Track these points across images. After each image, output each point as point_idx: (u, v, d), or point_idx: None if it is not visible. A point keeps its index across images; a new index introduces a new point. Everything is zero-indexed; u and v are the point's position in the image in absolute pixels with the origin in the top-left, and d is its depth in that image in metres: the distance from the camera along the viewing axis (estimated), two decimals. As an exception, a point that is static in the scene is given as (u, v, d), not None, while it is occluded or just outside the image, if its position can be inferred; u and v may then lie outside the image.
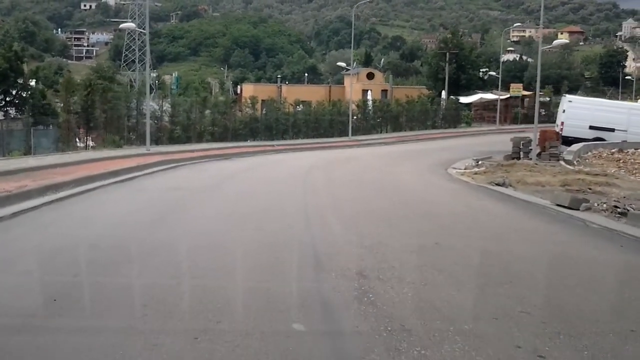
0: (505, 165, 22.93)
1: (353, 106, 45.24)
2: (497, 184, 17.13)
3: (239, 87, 70.76)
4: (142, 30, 29.77)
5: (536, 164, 23.18)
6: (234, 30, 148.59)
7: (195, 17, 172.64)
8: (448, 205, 12.76)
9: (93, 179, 16.25)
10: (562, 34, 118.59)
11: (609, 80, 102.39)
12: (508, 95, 63.55)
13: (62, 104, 31.49)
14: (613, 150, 29.64)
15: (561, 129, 31.34)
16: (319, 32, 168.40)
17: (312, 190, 14.97)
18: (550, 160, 25.47)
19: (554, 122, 39.86)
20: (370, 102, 50.97)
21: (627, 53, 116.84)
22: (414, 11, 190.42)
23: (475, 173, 21.06)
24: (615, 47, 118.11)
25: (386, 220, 10.18)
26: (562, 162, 24.44)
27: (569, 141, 29.67)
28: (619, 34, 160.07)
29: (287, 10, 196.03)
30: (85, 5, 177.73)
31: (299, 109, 44.63)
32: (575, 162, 25.50)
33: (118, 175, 17.71)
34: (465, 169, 23.27)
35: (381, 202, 12.72)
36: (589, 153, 29.22)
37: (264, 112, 43.62)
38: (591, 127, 32.28)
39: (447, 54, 61.51)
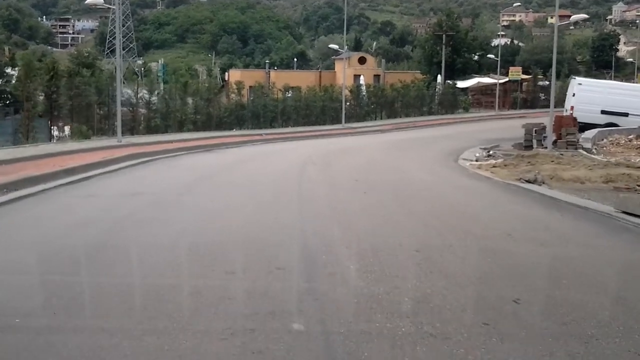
0: (526, 156, 20.11)
1: (346, 92, 42.28)
2: (528, 181, 14.37)
3: (226, 73, 67.72)
4: (112, 6, 26.58)
5: (561, 154, 20.43)
6: (221, 16, 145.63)
7: (182, 3, 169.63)
8: (492, 221, 9.41)
9: (37, 180, 13.24)
10: (552, 17, 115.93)
11: (601, 64, 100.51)
12: (507, 79, 61.02)
13: (19, 91, 28.09)
14: (630, 137, 27.53)
15: (571, 114, 29.09)
16: (307, 17, 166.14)
17: (309, 201, 11.27)
18: (567, 148, 23.03)
19: (557, 106, 37.53)
20: (363, 88, 48.09)
21: (620, 37, 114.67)
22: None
23: (494, 166, 18.44)
24: (607, 31, 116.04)
25: (420, 250, 6.81)
26: (581, 151, 21.98)
27: (579, 127, 27.45)
28: (609, 17, 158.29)
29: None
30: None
31: (289, 95, 41.80)
32: (593, 150, 23.33)
33: (74, 174, 14.78)
34: (477, 160, 21.09)
35: (402, 218, 9.37)
36: (605, 140, 27.12)
37: (251, 98, 40.67)
38: (603, 112, 30.54)
39: (444, 36, 58.51)
